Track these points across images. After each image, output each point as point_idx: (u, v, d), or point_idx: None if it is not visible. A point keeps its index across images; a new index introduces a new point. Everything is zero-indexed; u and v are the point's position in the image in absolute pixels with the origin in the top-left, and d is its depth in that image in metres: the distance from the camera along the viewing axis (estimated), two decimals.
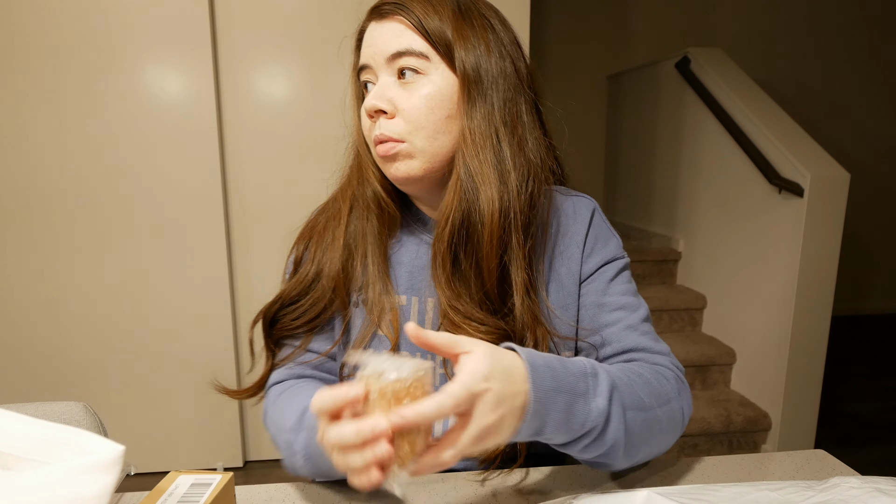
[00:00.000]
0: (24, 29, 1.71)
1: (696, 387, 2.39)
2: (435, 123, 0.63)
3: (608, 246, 0.71)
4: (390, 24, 0.64)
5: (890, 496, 0.54)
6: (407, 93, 0.63)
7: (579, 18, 3.56)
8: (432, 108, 0.63)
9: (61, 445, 0.49)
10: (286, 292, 0.70)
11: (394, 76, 0.64)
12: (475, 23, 0.65)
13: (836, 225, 2.00)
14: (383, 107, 0.63)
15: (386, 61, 0.63)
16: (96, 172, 1.81)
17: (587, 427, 0.52)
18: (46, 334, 1.87)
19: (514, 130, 0.65)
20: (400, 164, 0.64)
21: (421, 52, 0.62)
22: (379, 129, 0.63)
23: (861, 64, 3.70)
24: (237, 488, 0.62)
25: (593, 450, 0.55)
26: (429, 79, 0.63)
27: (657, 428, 0.59)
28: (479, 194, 0.62)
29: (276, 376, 0.70)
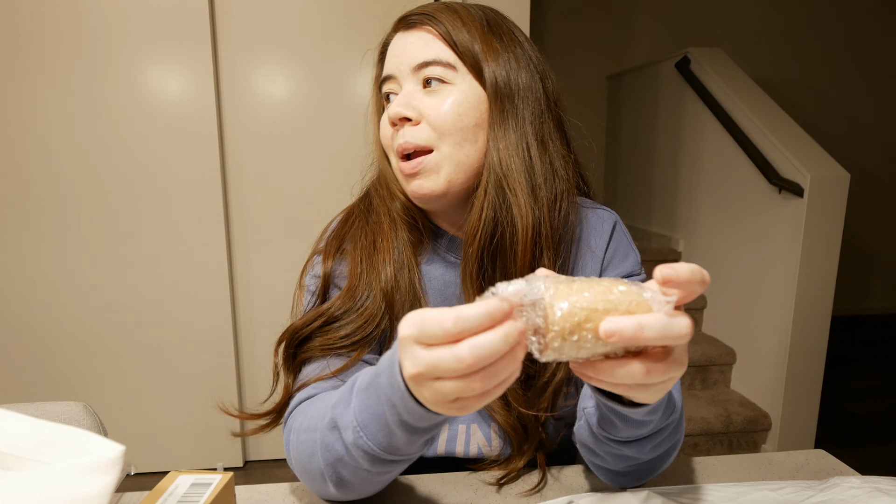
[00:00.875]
0: (25, 29, 1.71)
1: (696, 387, 2.39)
2: (462, 130, 0.62)
3: (626, 262, 0.71)
4: (418, 33, 0.63)
5: (890, 496, 0.54)
6: (433, 100, 0.62)
7: (579, 18, 3.56)
8: (460, 114, 0.61)
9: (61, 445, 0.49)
10: (331, 308, 0.64)
11: (419, 85, 0.63)
12: (504, 38, 0.64)
13: (836, 225, 2.00)
14: (408, 114, 0.62)
15: (412, 70, 0.63)
16: (96, 172, 1.81)
17: (672, 418, 0.52)
18: (46, 334, 1.87)
19: (544, 145, 0.64)
20: (423, 180, 0.62)
21: (448, 62, 0.62)
22: (403, 138, 0.62)
23: (861, 64, 3.70)
24: (237, 488, 0.62)
25: (667, 442, 0.54)
26: (456, 87, 0.62)
27: (678, 446, 0.60)
28: (511, 208, 0.61)
29: (302, 394, 0.62)
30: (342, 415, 0.49)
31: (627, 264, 0.71)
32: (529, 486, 0.62)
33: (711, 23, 3.58)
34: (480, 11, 0.66)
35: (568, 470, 0.66)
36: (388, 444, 0.47)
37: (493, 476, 0.64)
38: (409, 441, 0.47)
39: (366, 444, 0.48)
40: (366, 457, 0.48)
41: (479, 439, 0.67)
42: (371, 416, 0.47)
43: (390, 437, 0.47)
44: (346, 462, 0.50)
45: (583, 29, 3.57)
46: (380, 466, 0.50)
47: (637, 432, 0.50)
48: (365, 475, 0.51)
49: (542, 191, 0.62)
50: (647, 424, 0.49)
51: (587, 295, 0.36)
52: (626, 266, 0.71)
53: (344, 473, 0.52)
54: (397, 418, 0.45)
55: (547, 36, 3.54)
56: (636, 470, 0.57)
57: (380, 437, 0.47)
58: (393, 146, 0.64)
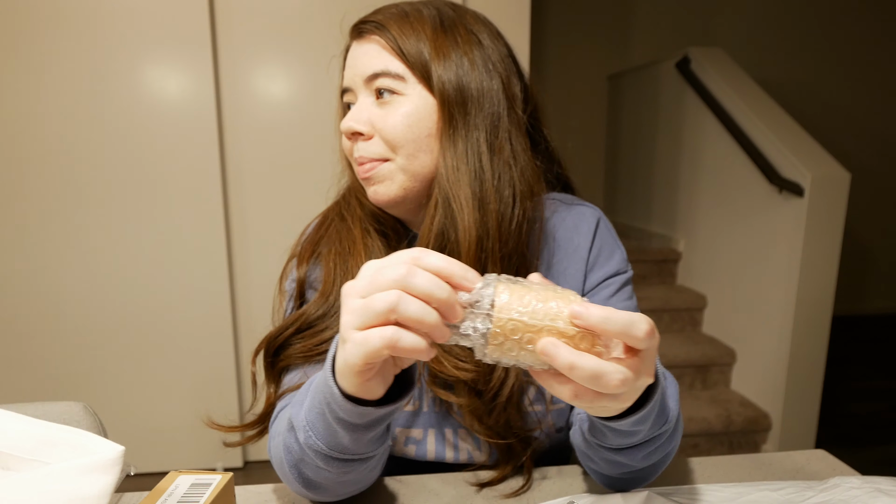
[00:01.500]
0: (25, 29, 1.71)
1: (697, 387, 2.39)
2: (414, 142, 0.61)
3: (612, 260, 0.70)
4: (368, 44, 0.63)
5: (890, 496, 0.54)
6: (384, 112, 0.61)
7: (579, 18, 3.56)
8: (410, 125, 0.60)
9: (61, 445, 0.49)
10: (308, 313, 0.64)
11: (372, 97, 0.63)
12: (459, 39, 0.62)
13: (836, 225, 2.00)
14: (360, 128, 0.62)
15: (364, 82, 0.62)
16: (96, 172, 1.81)
17: (665, 427, 0.51)
18: (46, 334, 1.87)
19: (499, 153, 0.61)
20: (379, 186, 0.63)
21: (397, 73, 0.61)
22: (357, 152, 0.63)
23: (861, 64, 3.70)
24: (237, 488, 0.62)
25: (661, 450, 0.53)
26: (406, 98, 0.61)
27: (675, 450, 0.59)
28: (456, 222, 0.59)
29: (284, 401, 0.62)
30: (297, 415, 0.50)
31: (613, 263, 0.69)
32: (514, 488, 0.61)
33: (711, 23, 3.58)
34: (435, 10, 0.63)
35: (566, 469, 0.66)
36: (335, 443, 0.48)
37: (476, 478, 0.63)
38: (353, 439, 0.47)
39: (315, 443, 0.48)
40: (319, 456, 0.49)
41: (468, 445, 0.67)
42: (317, 415, 0.47)
43: (334, 435, 0.47)
44: (306, 462, 0.51)
45: (583, 29, 3.57)
46: (336, 466, 0.49)
47: (627, 441, 0.50)
48: (327, 475, 0.51)
49: (492, 202, 0.60)
50: (635, 434, 0.49)
51: (539, 306, 0.37)
52: (612, 265, 0.69)
53: (308, 474, 0.52)
54: (334, 416, 0.45)
55: (547, 36, 3.54)
56: (631, 476, 0.57)
57: (326, 436, 0.48)
58: (352, 157, 0.66)
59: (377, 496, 0.61)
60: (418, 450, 0.67)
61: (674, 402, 0.53)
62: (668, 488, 0.60)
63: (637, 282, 2.78)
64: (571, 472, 0.66)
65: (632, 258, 2.70)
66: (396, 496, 0.61)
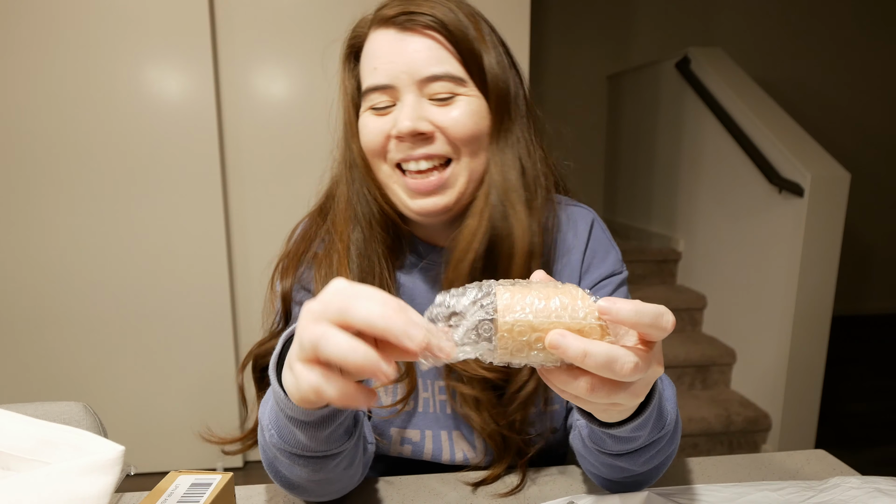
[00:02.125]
0: (25, 29, 1.71)
1: (697, 387, 2.39)
2: (478, 140, 0.60)
3: (606, 261, 0.69)
4: (419, 39, 0.58)
5: (890, 496, 0.54)
6: (445, 110, 0.59)
7: (579, 18, 3.56)
8: (476, 122, 0.59)
9: (61, 445, 0.49)
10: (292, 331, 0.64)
11: (423, 97, 0.59)
12: (494, 38, 0.62)
13: (836, 225, 2.00)
14: (424, 128, 0.58)
15: (417, 83, 0.58)
16: (96, 173, 1.81)
17: (664, 430, 0.50)
18: (46, 334, 1.87)
19: (532, 152, 0.63)
20: (439, 197, 0.60)
21: (459, 76, 0.58)
22: (416, 152, 0.58)
23: (861, 64, 3.70)
24: (237, 488, 0.62)
25: (658, 457, 0.53)
26: (465, 97, 0.59)
27: (675, 452, 0.58)
28: (511, 220, 0.59)
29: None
30: (262, 413, 0.51)
31: (608, 264, 0.69)
32: (508, 487, 0.61)
33: (711, 23, 3.58)
34: (466, 7, 0.62)
35: (566, 469, 0.66)
36: (294, 441, 0.47)
37: (471, 478, 0.64)
38: (308, 437, 0.46)
39: (277, 441, 0.48)
40: (284, 454, 0.49)
41: (464, 446, 0.66)
42: (275, 413, 0.47)
43: (291, 433, 0.47)
44: (278, 460, 0.51)
45: (583, 29, 3.57)
46: (302, 464, 0.49)
47: (627, 447, 0.50)
48: (299, 473, 0.50)
49: (536, 199, 0.62)
50: (635, 440, 0.48)
51: (541, 305, 0.36)
52: (607, 266, 0.69)
53: (283, 472, 0.52)
54: (285, 414, 0.45)
55: (547, 36, 3.54)
56: (633, 480, 0.56)
57: (285, 433, 0.47)
58: (391, 158, 0.61)
59: (376, 497, 0.61)
60: (415, 450, 0.66)
61: (671, 404, 0.53)
62: (668, 489, 0.60)
63: (637, 282, 2.78)
64: (571, 473, 0.66)
65: (632, 258, 2.69)
66: (395, 497, 0.61)
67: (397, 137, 0.59)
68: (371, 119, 0.61)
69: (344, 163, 0.66)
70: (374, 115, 0.61)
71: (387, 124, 0.60)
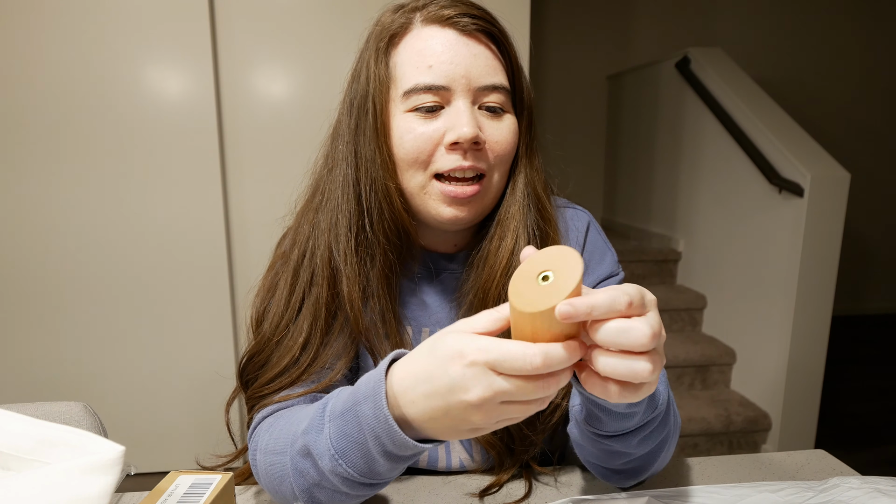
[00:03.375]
0: (25, 29, 1.71)
1: (696, 387, 2.39)
2: (511, 159, 0.62)
3: (603, 264, 0.69)
4: (479, 46, 0.58)
5: (890, 496, 0.54)
6: (495, 124, 0.59)
7: (579, 18, 3.56)
8: (514, 143, 0.61)
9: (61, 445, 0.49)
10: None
11: (474, 104, 0.58)
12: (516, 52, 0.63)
13: (836, 225, 2.00)
14: (482, 137, 0.57)
15: (475, 90, 0.57)
16: (95, 174, 1.81)
17: (658, 409, 0.51)
18: (46, 334, 1.87)
19: (540, 158, 0.66)
20: (472, 206, 0.60)
21: (508, 89, 0.60)
22: (465, 161, 0.57)
23: (861, 64, 3.70)
24: (237, 488, 0.62)
25: (655, 436, 0.53)
26: (509, 115, 0.60)
27: (677, 430, 0.59)
28: (547, 231, 0.63)
29: (266, 411, 0.59)
30: (315, 442, 0.48)
31: (605, 266, 0.69)
32: (515, 497, 0.61)
33: (711, 23, 3.58)
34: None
35: (566, 471, 0.66)
36: (368, 471, 0.47)
37: (477, 486, 0.63)
38: (391, 468, 0.47)
39: (345, 471, 0.47)
40: (345, 483, 0.48)
41: (461, 452, 0.66)
42: (351, 443, 0.46)
43: (371, 464, 0.46)
44: (322, 486, 0.50)
45: (583, 29, 3.57)
46: (360, 490, 0.49)
47: (622, 425, 0.50)
48: (343, 498, 0.50)
49: (553, 206, 0.66)
50: (631, 417, 0.49)
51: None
52: (604, 268, 0.69)
53: (320, 497, 0.51)
54: (381, 449, 0.45)
55: (547, 36, 3.54)
56: (631, 467, 0.56)
57: (360, 464, 0.46)
58: (435, 168, 0.58)
59: (376, 499, 0.61)
60: None
61: (663, 385, 0.53)
62: (668, 490, 0.61)
63: (637, 282, 2.76)
64: (572, 474, 0.66)
65: (632, 258, 2.69)
66: (397, 499, 0.61)
67: (452, 144, 0.56)
68: (417, 123, 0.57)
69: (358, 163, 0.60)
70: (420, 118, 0.57)
71: (437, 132, 0.57)
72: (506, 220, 0.62)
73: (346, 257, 0.60)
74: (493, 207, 0.64)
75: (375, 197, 0.59)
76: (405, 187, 0.60)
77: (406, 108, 0.58)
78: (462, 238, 0.67)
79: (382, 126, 0.59)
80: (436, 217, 0.60)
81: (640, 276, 2.77)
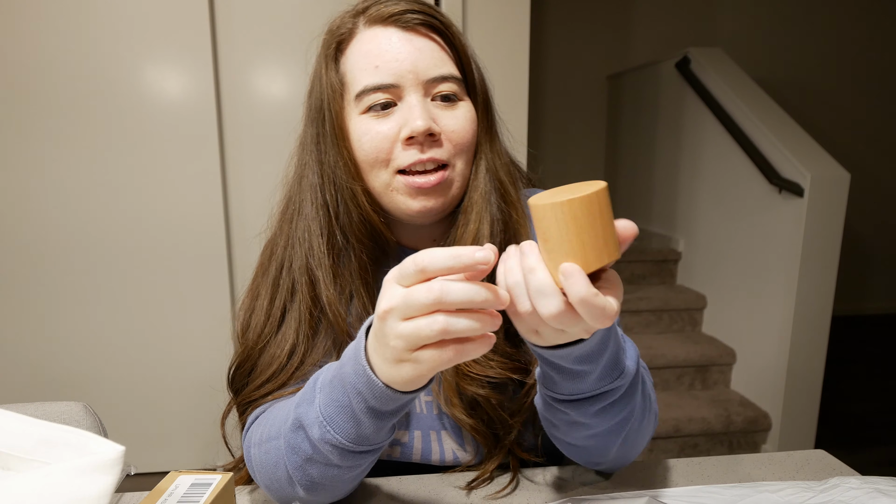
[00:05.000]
0: (25, 29, 1.71)
1: (696, 387, 2.39)
2: (472, 145, 0.62)
3: None
4: (423, 40, 0.59)
5: (890, 496, 0.54)
6: (450, 114, 0.60)
7: (579, 18, 3.56)
8: (473, 130, 0.61)
9: (61, 445, 0.49)
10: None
11: (427, 97, 0.59)
12: (466, 42, 0.64)
13: (836, 225, 2.00)
14: (436, 129, 0.57)
15: (423, 83, 0.58)
16: (95, 174, 1.81)
17: (619, 381, 0.50)
18: (46, 334, 1.87)
19: (504, 150, 0.67)
20: (438, 197, 0.60)
21: (459, 78, 0.60)
22: (422, 155, 0.58)
23: (861, 64, 3.70)
24: (237, 488, 0.62)
25: (616, 411, 0.52)
26: (463, 102, 0.61)
27: (649, 418, 0.58)
28: (511, 216, 0.63)
29: (258, 411, 0.60)
30: (306, 413, 0.49)
31: None
32: (500, 487, 0.62)
33: (711, 23, 3.58)
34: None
35: (564, 470, 0.66)
36: (356, 435, 0.47)
37: (464, 479, 0.63)
38: (376, 428, 0.47)
39: (333, 437, 0.47)
40: (335, 451, 0.48)
41: (453, 445, 0.66)
42: (337, 408, 0.47)
43: (358, 426, 0.47)
44: (314, 460, 0.50)
45: (583, 29, 3.57)
46: (349, 460, 0.49)
47: (576, 387, 0.49)
48: (335, 472, 0.51)
49: (519, 193, 0.66)
50: (583, 377, 0.48)
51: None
52: None
53: (313, 473, 0.51)
54: (364, 405, 0.45)
55: (547, 36, 3.54)
56: (592, 444, 0.56)
57: (347, 428, 0.47)
58: (396, 165, 0.59)
59: (371, 498, 0.61)
60: (403, 451, 0.66)
61: (632, 361, 0.52)
62: (668, 490, 0.61)
63: (637, 282, 2.78)
64: (569, 473, 0.66)
65: (632, 258, 2.69)
66: (391, 499, 0.61)
67: (408, 139, 0.57)
68: (372, 123, 0.58)
69: (323, 171, 0.62)
70: (374, 118, 0.58)
71: (392, 129, 0.58)
72: (469, 207, 0.63)
73: (322, 264, 0.62)
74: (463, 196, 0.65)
75: (343, 201, 0.61)
76: (372, 187, 0.61)
77: (360, 110, 0.59)
78: (439, 232, 0.68)
79: (340, 131, 0.60)
80: (405, 211, 0.61)
81: (640, 276, 2.77)
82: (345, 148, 0.60)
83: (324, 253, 0.61)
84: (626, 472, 0.65)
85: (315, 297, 0.62)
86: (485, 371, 0.61)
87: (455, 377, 0.63)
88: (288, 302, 0.63)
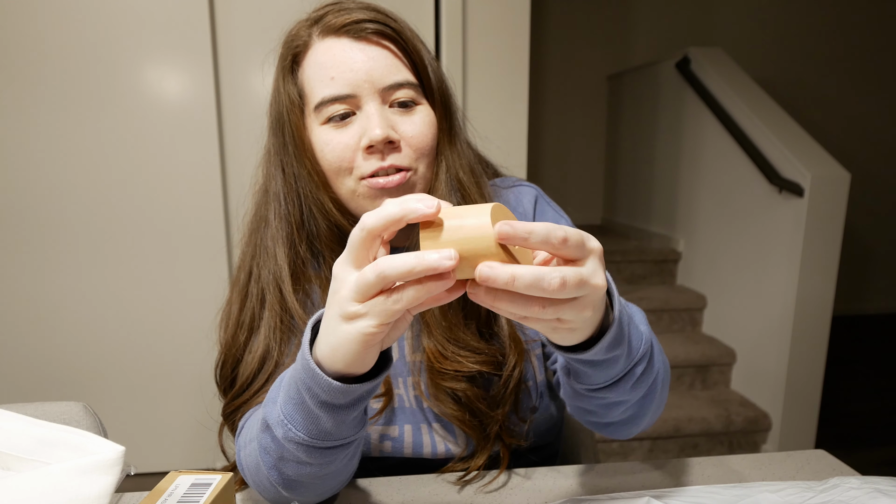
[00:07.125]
0: (25, 30, 1.71)
1: (697, 387, 2.39)
2: (433, 150, 0.63)
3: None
4: (376, 48, 0.60)
5: (890, 496, 0.54)
6: (408, 120, 0.61)
7: (579, 18, 3.56)
8: (433, 134, 0.62)
9: (61, 446, 0.49)
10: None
11: (384, 104, 0.60)
12: (425, 45, 0.65)
13: (836, 225, 2.00)
14: (395, 136, 0.59)
15: (379, 91, 0.59)
16: (96, 173, 1.81)
17: (642, 349, 0.49)
18: (46, 334, 1.87)
19: (465, 146, 0.68)
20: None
21: (415, 84, 0.61)
22: (384, 162, 0.59)
23: (861, 64, 3.70)
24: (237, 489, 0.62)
25: (645, 380, 0.51)
26: (422, 107, 0.62)
27: (664, 359, 0.57)
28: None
29: (246, 416, 0.61)
30: (271, 413, 0.49)
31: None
32: (493, 483, 0.62)
33: (711, 23, 3.58)
34: (401, 17, 0.64)
35: (564, 470, 0.66)
36: (317, 431, 0.47)
37: (456, 476, 0.64)
38: (336, 422, 0.46)
39: (295, 435, 0.47)
40: (300, 448, 0.48)
41: (443, 437, 0.67)
42: (294, 406, 0.46)
43: (316, 421, 0.46)
44: (286, 459, 0.49)
45: (583, 29, 3.57)
46: (318, 456, 0.48)
47: (610, 374, 0.48)
48: (309, 470, 0.50)
49: (484, 189, 0.66)
50: (616, 361, 0.47)
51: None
52: None
53: (288, 472, 0.51)
54: (316, 400, 0.45)
55: (547, 36, 3.54)
56: (630, 415, 0.55)
57: (307, 424, 0.46)
58: (358, 173, 0.60)
59: (367, 497, 0.61)
60: (394, 446, 0.66)
61: (643, 324, 0.53)
62: (668, 490, 0.61)
63: (637, 282, 2.78)
64: (570, 473, 0.66)
65: (632, 258, 2.69)
66: (385, 497, 0.61)
67: (368, 148, 0.59)
68: (332, 133, 0.60)
69: (286, 181, 0.64)
70: (334, 128, 0.60)
71: (353, 138, 0.59)
72: None
73: (289, 273, 0.63)
74: None
75: (309, 211, 0.63)
76: (339, 194, 0.63)
77: (321, 121, 0.61)
78: (413, 238, 0.69)
79: (301, 142, 0.62)
80: None
81: (640, 276, 2.77)
82: (307, 158, 0.62)
83: (291, 264, 0.63)
84: (626, 472, 0.65)
85: (284, 306, 0.63)
86: (454, 366, 0.62)
87: (430, 373, 0.64)
88: (258, 311, 0.64)
